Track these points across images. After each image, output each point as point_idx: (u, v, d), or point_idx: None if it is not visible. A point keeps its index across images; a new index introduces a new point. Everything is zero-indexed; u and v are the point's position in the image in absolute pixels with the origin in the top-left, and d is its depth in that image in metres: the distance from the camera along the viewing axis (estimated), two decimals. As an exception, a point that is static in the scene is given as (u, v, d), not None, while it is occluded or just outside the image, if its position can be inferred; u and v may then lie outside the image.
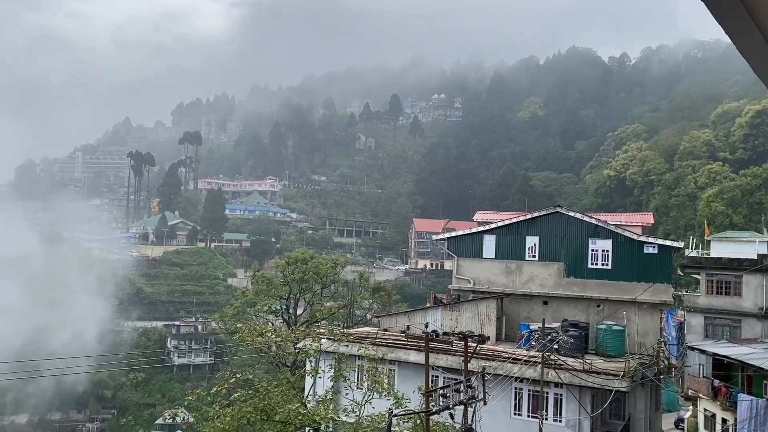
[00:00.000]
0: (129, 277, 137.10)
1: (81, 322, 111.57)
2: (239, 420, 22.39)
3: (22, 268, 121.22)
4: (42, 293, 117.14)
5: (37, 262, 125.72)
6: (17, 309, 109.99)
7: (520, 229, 35.51)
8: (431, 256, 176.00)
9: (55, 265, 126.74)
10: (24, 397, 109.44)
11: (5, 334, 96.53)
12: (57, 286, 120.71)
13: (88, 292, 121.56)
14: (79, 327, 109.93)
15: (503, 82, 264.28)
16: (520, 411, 27.89)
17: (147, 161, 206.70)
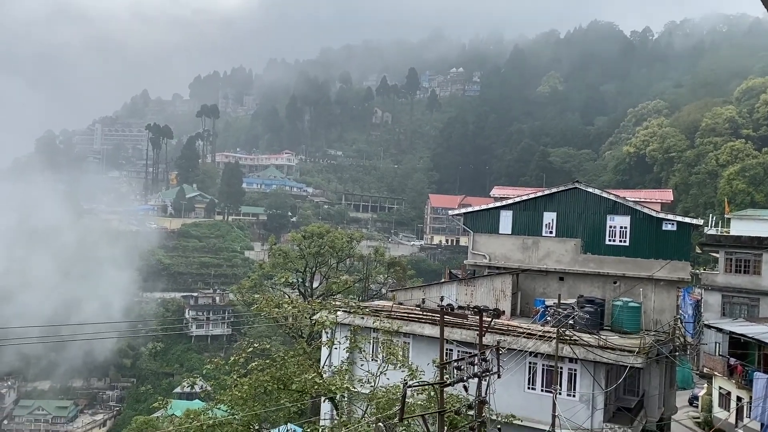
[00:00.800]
0: (149, 249, 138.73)
1: (107, 294, 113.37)
2: (256, 389, 22.79)
3: (51, 240, 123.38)
4: (70, 265, 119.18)
5: (64, 233, 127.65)
6: (48, 281, 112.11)
7: (537, 205, 35.32)
8: (447, 231, 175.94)
9: (80, 236, 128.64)
10: (48, 364, 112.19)
11: (36, 305, 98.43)
12: (84, 258, 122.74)
13: (113, 264, 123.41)
14: (106, 298, 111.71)
15: (523, 57, 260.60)
16: (534, 385, 28.06)
17: (165, 134, 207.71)
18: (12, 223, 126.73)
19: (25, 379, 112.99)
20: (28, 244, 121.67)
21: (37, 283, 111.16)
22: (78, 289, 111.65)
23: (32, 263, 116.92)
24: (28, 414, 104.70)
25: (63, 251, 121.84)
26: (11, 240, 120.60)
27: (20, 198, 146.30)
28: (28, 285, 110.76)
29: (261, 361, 24.07)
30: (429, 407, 21.09)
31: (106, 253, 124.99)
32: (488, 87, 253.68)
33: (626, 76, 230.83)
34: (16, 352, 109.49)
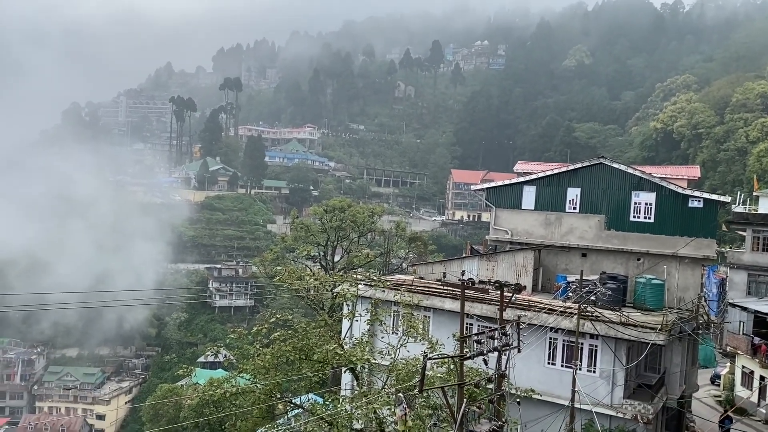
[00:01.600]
0: (174, 221, 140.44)
1: (138, 266, 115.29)
2: (279, 358, 23.15)
3: (83, 211, 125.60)
4: (102, 236, 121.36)
5: (95, 205, 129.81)
6: (82, 253, 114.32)
7: (561, 181, 34.93)
8: (468, 207, 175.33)
9: (110, 208, 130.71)
10: (76, 332, 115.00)
11: (72, 276, 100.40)
12: (115, 230, 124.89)
13: (143, 236, 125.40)
14: (137, 270, 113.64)
15: (549, 30, 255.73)
16: (554, 360, 28.07)
17: (188, 107, 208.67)
18: (44, 195, 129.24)
19: (53, 347, 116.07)
20: (61, 215, 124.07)
21: (73, 255, 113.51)
22: (110, 261, 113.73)
23: (67, 235, 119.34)
24: (56, 380, 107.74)
25: (95, 223, 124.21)
26: (46, 212, 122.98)
27: (49, 169, 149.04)
28: (64, 256, 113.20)
29: (283, 332, 24.40)
30: (449, 380, 21.24)
31: (135, 225, 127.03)
32: (513, 60, 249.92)
33: (655, 50, 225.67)
34: (47, 320, 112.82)
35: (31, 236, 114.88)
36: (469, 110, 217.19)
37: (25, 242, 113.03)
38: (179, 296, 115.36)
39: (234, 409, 25.35)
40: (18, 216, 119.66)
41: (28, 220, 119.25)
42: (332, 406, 23.29)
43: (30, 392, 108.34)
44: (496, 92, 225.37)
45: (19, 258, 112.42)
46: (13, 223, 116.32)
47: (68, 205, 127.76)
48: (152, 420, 61.37)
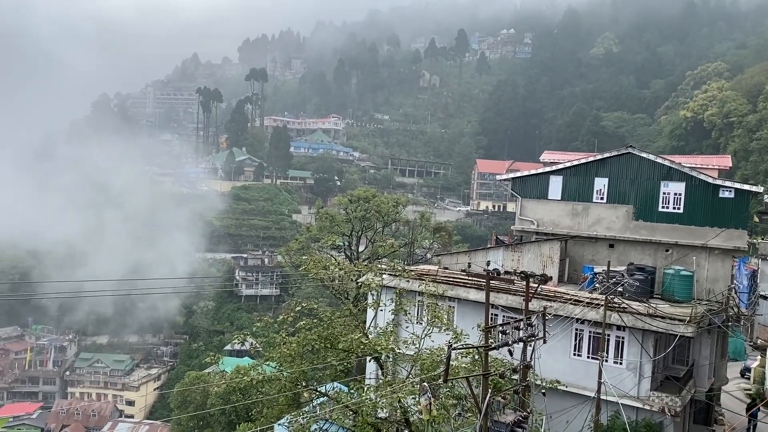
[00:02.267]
0: (202, 211, 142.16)
1: (170, 256, 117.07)
2: (304, 347, 23.36)
3: (117, 201, 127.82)
4: (137, 227, 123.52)
5: (128, 195, 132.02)
6: (117, 243, 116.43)
7: (588, 170, 34.51)
8: (494, 197, 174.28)
9: (143, 198, 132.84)
10: (106, 320, 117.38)
11: (108, 267, 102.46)
12: (148, 220, 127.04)
13: (173, 226, 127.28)
14: (169, 260, 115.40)
15: (577, 17, 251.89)
16: (580, 351, 27.86)
17: (215, 97, 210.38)
18: (78, 185, 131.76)
19: (85, 334, 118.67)
20: (95, 205, 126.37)
21: (108, 245, 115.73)
22: (143, 250, 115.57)
23: (102, 225, 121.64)
24: (88, 366, 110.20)
25: (128, 213, 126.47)
26: (81, 202, 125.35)
27: (80, 160, 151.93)
28: (99, 247, 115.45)
29: (308, 321, 24.59)
30: (473, 370, 21.23)
31: (166, 216, 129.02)
32: (540, 49, 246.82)
33: (686, 37, 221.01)
34: (82, 309, 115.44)
35: (69, 227, 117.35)
36: (495, 99, 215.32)
37: (63, 233, 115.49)
38: (207, 285, 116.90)
39: (260, 397, 25.66)
40: (55, 207, 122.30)
41: (64, 210, 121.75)
42: (357, 394, 23.45)
43: (62, 378, 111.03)
44: (522, 81, 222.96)
45: (57, 248, 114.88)
46: (51, 214, 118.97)
47: (101, 195, 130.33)
48: (180, 406, 62.50)
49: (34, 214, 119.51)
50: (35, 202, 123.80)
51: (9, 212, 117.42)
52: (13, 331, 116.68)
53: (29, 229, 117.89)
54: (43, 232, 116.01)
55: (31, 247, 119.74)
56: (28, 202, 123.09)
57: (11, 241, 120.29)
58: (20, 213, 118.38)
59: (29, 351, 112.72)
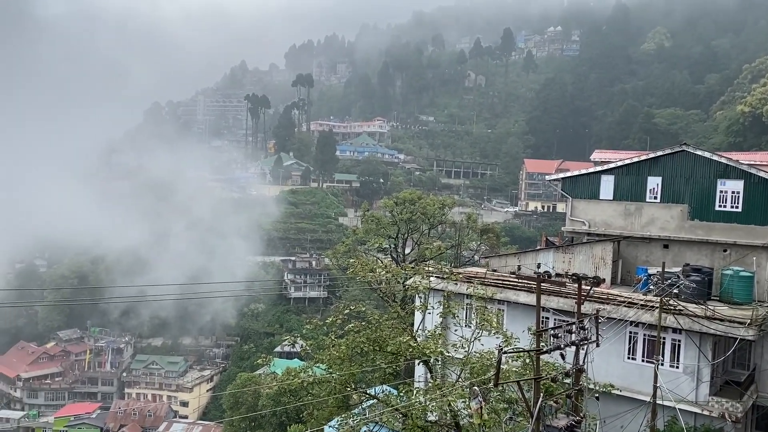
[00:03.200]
0: (253, 216, 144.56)
1: (228, 260, 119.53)
2: (353, 349, 23.49)
3: (179, 209, 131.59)
4: (197, 234, 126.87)
5: (186, 202, 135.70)
6: (180, 250, 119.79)
7: (641, 169, 33.69)
8: (543, 197, 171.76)
9: (197, 204, 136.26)
10: (161, 323, 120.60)
11: (171, 273, 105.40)
12: (203, 225, 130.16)
13: (229, 230, 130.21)
14: (223, 263, 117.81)
15: (627, 12, 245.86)
16: (635, 355, 27.19)
17: (262, 104, 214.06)
18: (137, 193, 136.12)
19: (140, 336, 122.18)
20: (157, 214, 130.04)
21: (169, 252, 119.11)
22: (202, 256, 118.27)
23: (164, 231, 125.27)
24: (143, 368, 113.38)
25: (189, 219, 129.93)
26: (143, 210, 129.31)
27: (135, 167, 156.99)
28: (162, 253, 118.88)
29: (357, 323, 24.72)
30: (524, 374, 20.96)
31: (221, 220, 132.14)
32: (588, 46, 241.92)
33: (742, 30, 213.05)
34: (137, 312, 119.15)
35: (133, 234, 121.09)
36: (542, 98, 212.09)
37: (128, 241, 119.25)
38: (257, 288, 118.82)
39: (310, 399, 25.92)
40: (118, 214, 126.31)
41: (128, 218, 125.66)
42: (406, 397, 23.44)
43: (119, 379, 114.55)
44: (571, 79, 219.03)
45: (123, 256, 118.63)
46: (115, 222, 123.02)
47: (160, 202, 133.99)
48: (232, 407, 63.74)
49: (97, 221, 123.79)
50: (99, 209, 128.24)
51: (73, 219, 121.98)
52: (73, 334, 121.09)
53: (92, 236, 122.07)
54: (109, 240, 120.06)
55: (98, 254, 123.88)
56: (92, 209, 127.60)
57: (77, 247, 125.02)
58: (84, 220, 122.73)
59: (88, 353, 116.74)
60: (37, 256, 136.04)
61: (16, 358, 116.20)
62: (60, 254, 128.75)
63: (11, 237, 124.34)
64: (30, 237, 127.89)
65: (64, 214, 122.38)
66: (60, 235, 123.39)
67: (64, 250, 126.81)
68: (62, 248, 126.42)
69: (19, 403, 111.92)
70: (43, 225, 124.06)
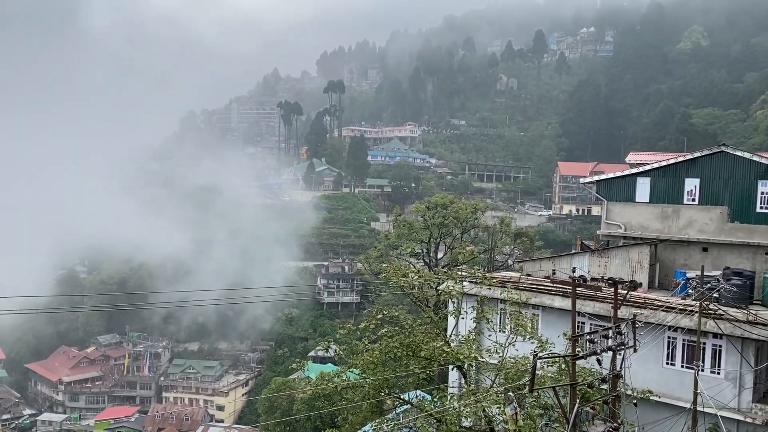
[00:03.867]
0: (286, 221, 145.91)
1: (261, 265, 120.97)
2: (386, 354, 23.51)
3: (214, 215, 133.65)
4: (237, 241, 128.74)
5: (222, 209, 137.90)
6: (219, 257, 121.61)
7: (678, 171, 33.02)
8: (577, 200, 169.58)
9: (233, 211, 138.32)
10: (197, 327, 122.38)
11: (211, 278, 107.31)
12: (241, 232, 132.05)
13: (264, 236, 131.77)
14: (260, 269, 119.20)
15: (662, 11, 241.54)
16: (674, 361, 26.59)
17: (295, 111, 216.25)
18: (176, 199, 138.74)
19: (177, 341, 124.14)
20: (194, 218, 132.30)
21: (209, 258, 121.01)
22: (238, 261, 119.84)
23: (205, 238, 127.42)
24: (180, 372, 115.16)
25: (227, 226, 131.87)
26: (184, 216, 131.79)
27: (171, 174, 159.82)
28: (202, 261, 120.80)
29: (390, 328, 24.73)
30: (560, 380, 20.71)
31: (256, 226, 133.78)
32: (622, 46, 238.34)
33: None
34: (176, 317, 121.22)
35: (174, 241, 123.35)
36: (576, 100, 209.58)
37: (171, 248, 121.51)
38: (291, 293, 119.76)
39: (344, 403, 26.02)
40: (158, 222, 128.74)
41: (169, 226, 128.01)
42: (440, 403, 23.36)
43: (157, 383, 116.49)
44: (604, 80, 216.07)
45: (166, 263, 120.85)
46: (157, 230, 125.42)
47: (200, 209, 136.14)
48: (267, 412, 64.31)
49: (138, 228, 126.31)
50: (139, 216, 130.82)
51: (115, 226, 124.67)
52: (113, 339, 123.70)
53: (133, 242, 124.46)
54: (150, 246, 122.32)
55: (139, 260, 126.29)
56: (133, 217, 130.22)
57: (119, 254, 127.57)
58: (126, 227, 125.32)
59: (127, 357, 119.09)
60: (78, 263, 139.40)
61: (59, 363, 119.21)
62: (102, 261, 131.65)
63: (56, 244, 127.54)
64: (73, 244, 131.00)
65: (106, 221, 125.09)
66: (103, 242, 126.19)
67: (106, 257, 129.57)
68: (105, 255, 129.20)
69: (62, 407, 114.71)
70: (87, 232, 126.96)
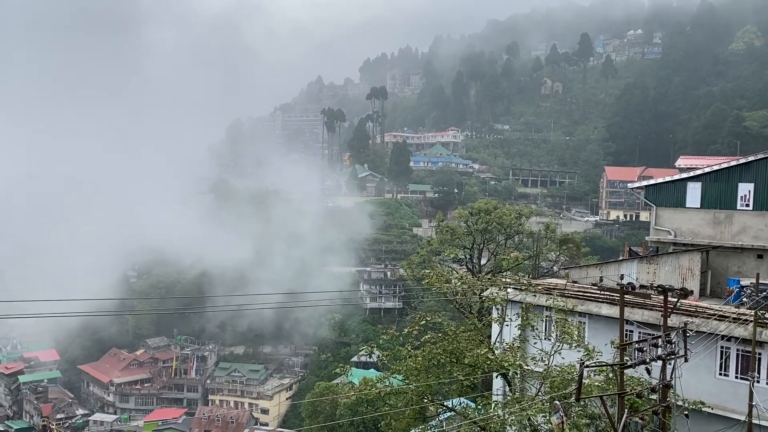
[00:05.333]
0: (328, 226, 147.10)
1: (304, 269, 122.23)
2: (430, 361, 23.42)
3: (273, 223, 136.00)
4: (284, 247, 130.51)
5: (276, 217, 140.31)
6: (276, 264, 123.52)
7: (731, 175, 32.03)
8: (625, 206, 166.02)
9: (284, 217, 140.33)
10: (243, 331, 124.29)
11: (268, 286, 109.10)
12: (293, 241, 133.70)
13: (309, 241, 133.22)
14: (303, 273, 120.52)
15: (713, 11, 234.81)
16: (727, 371, 25.72)
17: (338, 117, 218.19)
18: (229, 206, 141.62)
19: (223, 344, 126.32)
20: (250, 226, 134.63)
21: (266, 266, 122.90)
22: (294, 271, 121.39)
23: (259, 245, 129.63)
24: (226, 375, 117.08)
25: (275, 232, 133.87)
26: (235, 222, 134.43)
27: (220, 181, 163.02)
28: (258, 268, 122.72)
29: (433, 335, 24.63)
30: (607, 389, 20.28)
31: (300, 231, 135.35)
32: (671, 48, 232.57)
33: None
34: (221, 321, 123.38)
35: (233, 249, 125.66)
36: (623, 104, 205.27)
37: (233, 258, 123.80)
38: (334, 297, 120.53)
39: (387, 409, 26.01)
40: (214, 231, 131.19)
41: (228, 235, 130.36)
42: (484, 410, 23.14)
43: (203, 386, 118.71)
44: (653, 83, 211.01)
45: (228, 272, 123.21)
46: (217, 239, 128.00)
47: (254, 217, 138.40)
48: (311, 416, 64.87)
49: (198, 236, 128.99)
50: (199, 224, 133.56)
51: (172, 232, 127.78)
52: (161, 342, 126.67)
53: (193, 250, 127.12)
54: (212, 255, 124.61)
55: (202, 268, 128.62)
56: (192, 224, 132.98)
57: (181, 262, 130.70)
58: (186, 235, 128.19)
59: (175, 360, 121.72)
60: (129, 267, 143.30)
61: (110, 364, 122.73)
62: (157, 267, 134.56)
63: (120, 251, 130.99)
64: (136, 251, 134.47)
65: (169, 230, 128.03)
66: (166, 249, 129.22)
67: (166, 264, 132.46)
68: (167, 263, 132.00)
69: (112, 407, 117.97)
70: (149, 239, 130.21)
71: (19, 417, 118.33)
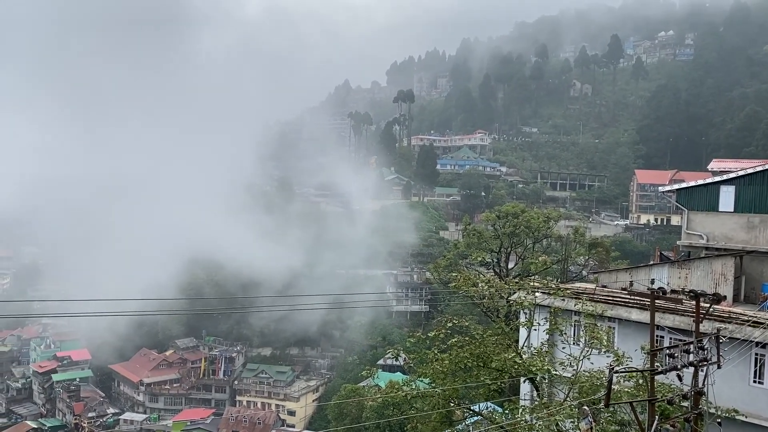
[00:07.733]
0: (356, 229, 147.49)
1: (331, 272, 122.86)
2: (456, 364, 23.33)
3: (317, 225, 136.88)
4: (334, 254, 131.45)
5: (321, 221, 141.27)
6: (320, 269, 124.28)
7: (766, 179, 31.34)
8: (655, 210, 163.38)
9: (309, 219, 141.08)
10: (270, 333, 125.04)
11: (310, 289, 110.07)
12: (319, 242, 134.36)
13: (336, 243, 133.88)
14: (330, 276, 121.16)
15: (746, 11, 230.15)
16: (762, 379, 25.14)
17: (365, 121, 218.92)
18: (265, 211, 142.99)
19: (251, 345, 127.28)
20: (278, 226, 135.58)
21: (315, 275, 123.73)
22: (339, 277, 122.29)
23: (294, 248, 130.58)
24: (253, 376, 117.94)
25: (307, 235, 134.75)
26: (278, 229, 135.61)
27: (252, 185, 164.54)
28: (307, 277, 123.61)
29: (460, 338, 24.54)
30: (637, 395, 19.97)
31: (328, 233, 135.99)
32: (703, 49, 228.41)
33: None
34: (248, 322, 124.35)
35: (288, 261, 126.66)
36: (654, 106, 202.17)
37: (282, 265, 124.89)
38: (360, 300, 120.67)
39: (414, 412, 25.97)
40: (259, 239, 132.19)
41: (273, 242, 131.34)
42: (511, 415, 22.96)
43: (231, 387, 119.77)
44: (685, 85, 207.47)
45: (275, 278, 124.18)
46: (275, 252, 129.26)
47: (297, 222, 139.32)
48: (337, 418, 64.94)
49: (246, 244, 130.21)
50: (246, 232, 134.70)
51: (213, 236, 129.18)
52: (190, 342, 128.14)
53: (242, 260, 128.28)
54: (259, 261, 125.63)
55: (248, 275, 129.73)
56: (240, 232, 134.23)
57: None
58: (233, 244, 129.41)
59: (203, 361, 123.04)
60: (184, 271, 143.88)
61: (140, 364, 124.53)
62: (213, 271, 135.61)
63: (176, 261, 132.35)
64: (193, 261, 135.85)
65: (222, 240, 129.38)
66: (220, 259, 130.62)
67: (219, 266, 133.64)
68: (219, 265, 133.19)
69: (142, 407, 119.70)
70: (191, 246, 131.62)
71: (52, 415, 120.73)
